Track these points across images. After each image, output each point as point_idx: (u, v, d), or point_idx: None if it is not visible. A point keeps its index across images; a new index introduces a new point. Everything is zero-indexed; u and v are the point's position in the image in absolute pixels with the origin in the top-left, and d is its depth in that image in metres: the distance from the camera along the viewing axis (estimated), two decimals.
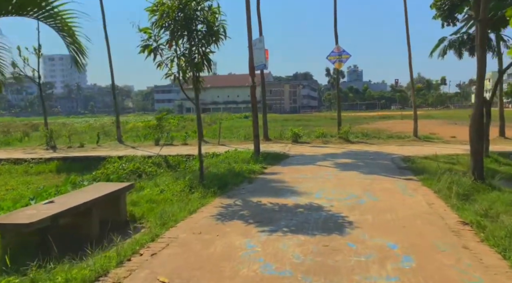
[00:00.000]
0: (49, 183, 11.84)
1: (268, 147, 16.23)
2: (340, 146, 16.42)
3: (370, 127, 28.90)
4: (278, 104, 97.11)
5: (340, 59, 18.67)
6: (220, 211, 6.31)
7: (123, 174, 11.95)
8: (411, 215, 5.69)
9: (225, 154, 13.72)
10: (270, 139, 19.11)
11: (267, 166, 11.01)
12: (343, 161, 11.82)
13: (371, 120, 44.12)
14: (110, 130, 28.45)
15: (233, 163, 11.84)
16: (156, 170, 12.85)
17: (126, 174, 11.99)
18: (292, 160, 12.42)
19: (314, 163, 11.54)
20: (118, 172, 11.91)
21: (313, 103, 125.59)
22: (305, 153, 14.13)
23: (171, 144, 18.72)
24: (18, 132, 29.35)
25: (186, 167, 12.81)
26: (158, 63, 7.92)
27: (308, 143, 17.68)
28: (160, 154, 14.20)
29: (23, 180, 12.54)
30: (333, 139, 18.73)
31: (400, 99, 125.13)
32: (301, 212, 6.01)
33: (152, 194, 7.83)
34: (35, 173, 13.16)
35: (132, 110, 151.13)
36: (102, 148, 17.75)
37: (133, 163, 12.96)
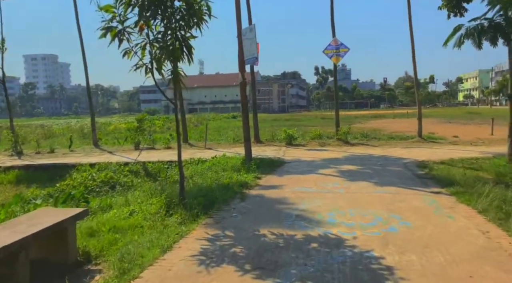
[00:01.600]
0: (3, 198, 10.00)
1: (260, 151, 14.58)
2: (340, 149, 14.86)
3: (365, 127, 27.51)
4: (267, 103, 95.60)
5: (338, 53, 17.14)
6: (204, 247, 4.64)
7: (93, 185, 10.19)
8: (470, 253, 4.11)
9: (212, 160, 12.04)
10: (261, 141, 17.47)
11: (262, 176, 9.36)
12: (349, 168, 10.24)
13: (364, 119, 42.79)
14: (90, 133, 26.42)
15: (222, 171, 10.19)
16: (133, 180, 11.12)
17: (96, 185, 10.23)
18: (290, 167, 10.80)
19: (316, 171, 9.93)
20: (86, 184, 10.14)
21: (302, 102, 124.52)
22: (303, 158, 12.52)
23: (153, 148, 16.95)
24: None
25: (167, 176, 11.10)
26: (124, 51, 6.21)
27: (303, 146, 16.09)
28: (138, 160, 12.43)
29: None
30: (331, 141, 17.18)
31: (389, 98, 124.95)
32: (316, 249, 4.38)
33: (118, 218, 6.12)
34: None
35: (118, 111, 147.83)
36: (74, 153, 15.87)
37: (106, 172, 11.19)
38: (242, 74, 11.46)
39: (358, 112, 68.66)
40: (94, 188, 10.12)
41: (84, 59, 17.56)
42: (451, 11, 13.08)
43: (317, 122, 37.73)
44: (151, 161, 12.74)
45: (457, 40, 11.07)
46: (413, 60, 16.40)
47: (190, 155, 13.88)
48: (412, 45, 16.31)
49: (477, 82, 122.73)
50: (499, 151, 12.14)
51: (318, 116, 52.69)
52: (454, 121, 33.39)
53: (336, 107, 18.18)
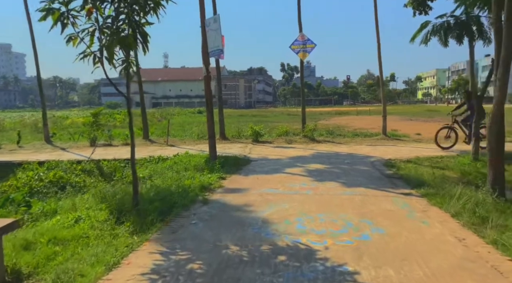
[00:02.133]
0: None
1: (226, 148, 14.02)
2: (306, 146, 14.57)
3: (330, 124, 27.55)
4: (233, 99, 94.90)
5: (305, 49, 16.80)
6: (156, 262, 4.05)
7: (39, 186, 9.28)
8: (450, 266, 3.78)
9: (173, 159, 11.36)
10: (227, 138, 16.89)
11: (226, 176, 8.82)
12: (316, 167, 9.89)
13: (328, 116, 43.17)
14: None
15: (183, 171, 9.56)
16: (85, 180, 10.26)
17: (43, 186, 9.31)
18: (256, 165, 10.32)
19: (283, 170, 9.51)
20: (31, 184, 9.20)
21: (268, 98, 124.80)
22: (270, 156, 12.08)
23: (110, 144, 15.94)
24: None
25: (123, 176, 10.34)
26: (68, 37, 5.45)
27: (270, 143, 15.68)
28: (92, 158, 11.53)
29: None
30: (297, 137, 16.87)
31: (351, 95, 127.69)
32: (284, 263, 3.91)
33: (61, 226, 5.40)
34: None
35: (78, 104, 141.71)
36: (23, 150, 14.61)
37: (55, 171, 10.25)
38: (206, 68, 10.82)
39: (323, 108, 69.59)
40: (41, 189, 9.21)
41: (34, 48, 16.19)
42: (416, 9, 13.04)
43: (283, 119, 37.61)
44: (107, 159, 11.86)
45: (424, 37, 11.03)
46: (379, 59, 16.36)
47: (150, 153, 13.11)
48: (378, 44, 16.24)
49: (435, 81, 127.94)
50: (461, 149, 12.27)
51: (284, 113, 52.76)
52: (415, 119, 34.30)
53: (302, 104, 17.89)
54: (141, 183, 8.83)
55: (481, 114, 10.98)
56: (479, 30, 10.01)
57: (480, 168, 9.23)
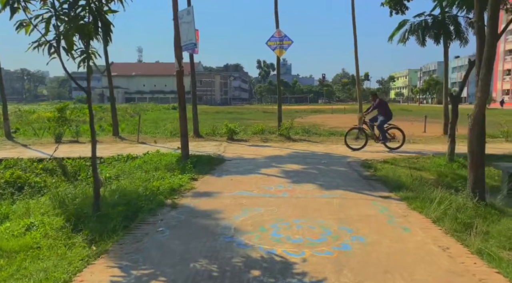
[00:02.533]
0: None
1: (200, 146, 13.53)
2: (282, 145, 14.26)
3: (306, 122, 27.48)
4: (209, 95, 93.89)
5: (281, 45, 16.47)
6: (114, 279, 3.59)
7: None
8: (436, 280, 3.50)
9: (143, 157, 10.81)
10: (201, 136, 16.38)
11: (198, 177, 8.37)
12: (293, 167, 9.58)
13: (304, 114, 43.32)
14: None
15: (153, 171, 9.05)
16: (46, 180, 9.57)
17: (2, 185, 8.60)
18: (230, 165, 9.91)
19: (258, 170, 9.14)
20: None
21: (244, 95, 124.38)
22: (245, 155, 11.68)
23: (77, 141, 15.13)
24: None
25: (88, 175, 9.70)
26: (19, 23, 4.87)
27: (245, 141, 15.28)
28: (55, 156, 10.80)
29: None
30: (273, 136, 16.56)
31: (327, 93, 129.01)
32: (258, 279, 3.52)
33: (10, 235, 4.83)
34: None
35: (47, 98, 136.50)
36: None
37: (13, 170, 9.50)
38: (179, 62, 10.29)
39: (298, 106, 69.88)
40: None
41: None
42: (393, 8, 12.97)
43: (259, 116, 37.30)
44: (72, 157, 11.17)
45: (402, 36, 10.93)
46: (356, 58, 16.22)
47: (119, 150, 12.48)
48: (355, 44, 16.05)
49: (407, 81, 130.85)
50: (437, 149, 12.26)
51: (260, 110, 52.57)
52: None
53: (278, 101, 17.57)
54: (106, 184, 8.26)
55: (388, 115, 11.43)
56: (457, 30, 9.96)
57: (457, 169, 9.19)
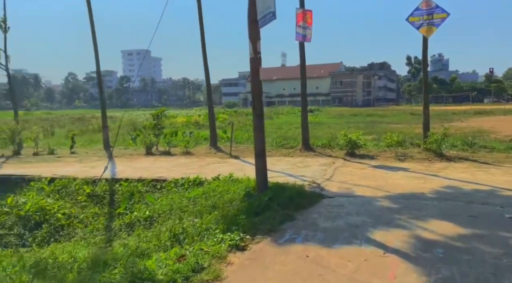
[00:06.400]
0: None
1: (301, 165, 9.76)
2: (428, 167, 9.31)
3: (467, 128, 20.65)
4: (350, 96, 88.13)
5: (431, 21, 11.36)
6: None
7: (4, 221, 6.47)
8: None
9: (210, 184, 7.64)
10: (312, 148, 12.50)
11: (250, 242, 4.64)
12: (443, 230, 4.94)
13: (464, 116, 34.46)
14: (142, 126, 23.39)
15: (204, 213, 5.85)
16: (77, 212, 7.24)
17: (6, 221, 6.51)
18: (324, 211, 5.86)
19: (368, 233, 4.88)
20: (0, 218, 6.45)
21: (390, 95, 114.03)
22: (359, 187, 7.38)
23: (169, 152, 13.02)
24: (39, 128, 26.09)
25: (131, 208, 7.07)
26: None
27: (372, 158, 10.79)
28: (104, 177, 8.52)
29: None
30: (415, 150, 11.56)
31: (495, 91, 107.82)
32: None
33: None
34: None
35: (202, 104, 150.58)
36: (68, 158, 12.60)
37: (39, 198, 7.40)
38: (253, 45, 6.75)
39: (457, 107, 58.12)
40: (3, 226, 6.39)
41: (96, 49, 14.00)
42: None
43: (405, 119, 30.97)
44: (131, 178, 8.71)
45: None
46: None
47: (199, 168, 9.75)
48: None
49: None
50: None
51: (407, 111, 44.94)
52: None
53: (424, 101, 12.29)
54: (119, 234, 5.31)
55: None
56: None
57: None
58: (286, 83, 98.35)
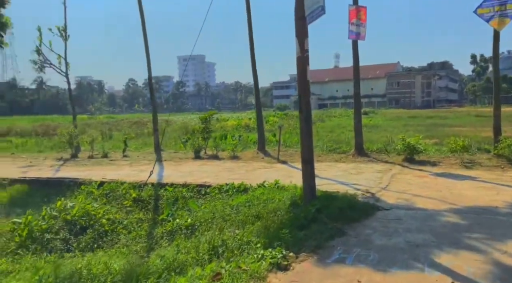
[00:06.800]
0: None
1: (353, 172, 9.08)
2: (500, 177, 8.23)
3: None
4: (407, 97, 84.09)
5: (503, 12, 10.15)
6: None
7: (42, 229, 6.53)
8: None
9: (255, 192, 7.26)
10: (366, 153, 11.71)
11: (294, 260, 4.18)
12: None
13: None
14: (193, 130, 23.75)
15: (248, 223, 5.54)
16: (121, 217, 7.19)
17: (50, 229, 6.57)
18: (379, 226, 5.23)
19: (433, 254, 4.20)
20: (34, 226, 6.53)
21: (452, 96, 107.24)
22: (419, 198, 6.61)
23: (216, 156, 12.86)
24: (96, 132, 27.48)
25: (174, 214, 6.90)
26: None
27: (433, 165, 9.82)
28: (150, 182, 8.46)
29: None
30: (484, 157, 10.39)
31: None
32: None
33: None
34: None
35: (253, 107, 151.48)
36: (120, 161, 12.87)
37: (86, 202, 7.44)
38: (300, 43, 6.29)
39: None
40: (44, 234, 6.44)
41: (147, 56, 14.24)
42: None
43: (469, 121, 28.63)
44: (176, 183, 8.58)
45: None
46: None
47: (245, 174, 9.43)
48: None
49: None
50: None
51: (472, 113, 41.72)
52: None
53: (495, 101, 11.03)
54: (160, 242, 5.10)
55: None
56: None
57: None
58: (339, 85, 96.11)
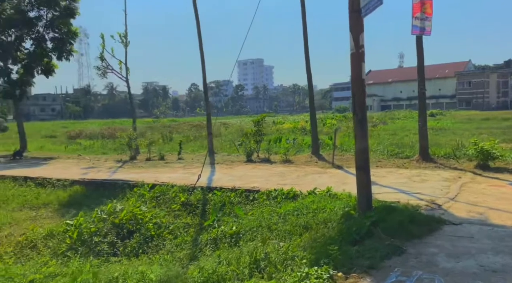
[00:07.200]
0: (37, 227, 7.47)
1: (416, 180, 8.24)
2: None
3: None
4: (480, 98, 77.80)
5: None
6: None
7: (91, 232, 6.59)
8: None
9: (304, 200, 6.80)
10: (431, 158, 10.65)
11: (352, 278, 3.67)
12: None
13: None
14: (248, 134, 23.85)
15: (288, 235, 5.22)
16: (168, 222, 7.09)
17: (98, 231, 6.61)
18: (445, 245, 4.51)
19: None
20: (84, 228, 6.60)
21: None
22: (495, 215, 5.69)
23: (268, 160, 12.51)
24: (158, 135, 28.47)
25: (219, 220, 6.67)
26: None
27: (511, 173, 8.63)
28: (196, 186, 8.32)
29: (25, 214, 8.64)
30: None
31: None
32: None
33: None
34: (42, 204, 9.17)
35: None
36: (174, 163, 13.02)
37: (133, 207, 7.43)
38: (354, 38, 5.73)
39: None
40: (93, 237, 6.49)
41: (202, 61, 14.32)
42: None
43: None
44: (225, 187, 8.35)
45: None
46: None
47: (296, 179, 9.04)
48: None
49: None
50: None
51: None
52: None
53: None
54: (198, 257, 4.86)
55: None
56: None
57: None
58: (403, 86, 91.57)
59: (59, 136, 36.07)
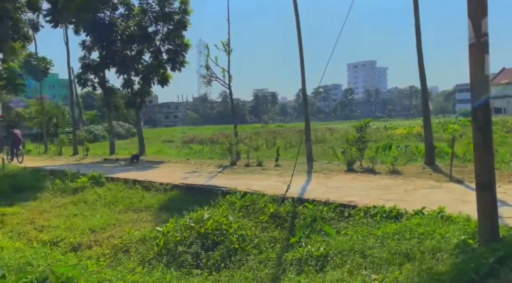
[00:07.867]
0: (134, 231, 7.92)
1: None
2: None
3: None
4: None
5: None
6: None
7: (176, 240, 6.55)
8: None
9: (409, 221, 5.77)
10: None
11: None
12: None
13: None
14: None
15: (393, 263, 4.50)
16: (254, 235, 6.70)
17: (184, 240, 6.54)
18: None
19: None
20: (170, 237, 6.59)
21: None
22: None
23: (372, 170, 11.30)
24: (261, 140, 28.77)
25: (308, 236, 6.12)
26: None
27: None
28: (287, 196, 7.77)
29: (128, 216, 9.21)
30: None
31: None
32: None
33: None
34: (145, 207, 9.67)
35: (431, 113, 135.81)
36: (270, 170, 12.68)
37: (220, 216, 7.21)
38: (474, 24, 4.56)
39: None
40: (177, 246, 6.42)
41: (302, 64, 13.86)
42: None
43: None
44: (317, 200, 7.64)
45: None
46: None
47: (400, 195, 7.78)
48: None
49: None
50: None
51: None
52: None
53: None
54: None
55: None
56: None
57: None
58: None
59: (176, 141, 39.34)
